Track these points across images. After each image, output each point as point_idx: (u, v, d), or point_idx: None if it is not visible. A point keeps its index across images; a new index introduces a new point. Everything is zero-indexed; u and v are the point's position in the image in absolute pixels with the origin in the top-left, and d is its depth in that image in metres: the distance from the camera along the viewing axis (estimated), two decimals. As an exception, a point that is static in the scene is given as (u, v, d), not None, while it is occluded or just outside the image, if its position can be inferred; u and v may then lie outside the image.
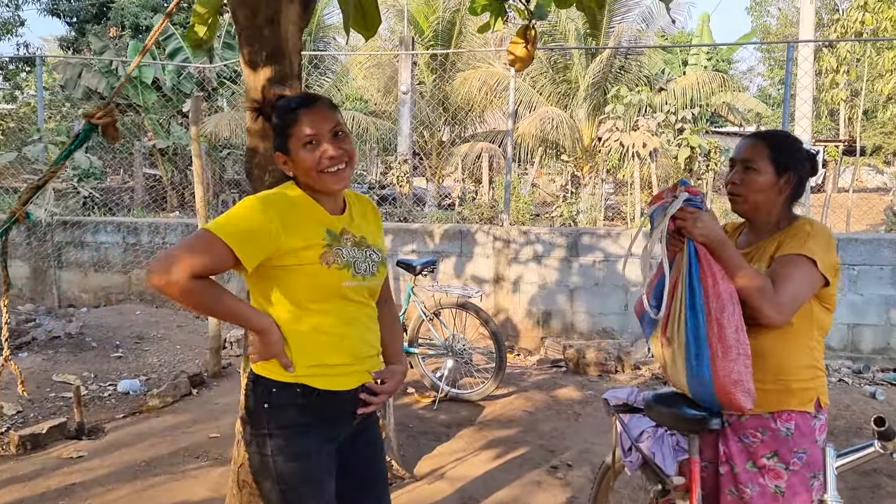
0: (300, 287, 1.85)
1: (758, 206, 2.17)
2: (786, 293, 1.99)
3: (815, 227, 2.10)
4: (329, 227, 1.90)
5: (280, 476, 1.87)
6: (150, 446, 4.25)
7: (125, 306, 7.20)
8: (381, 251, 2.03)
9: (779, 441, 2.06)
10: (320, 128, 1.85)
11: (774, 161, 2.13)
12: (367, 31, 3.03)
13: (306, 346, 1.88)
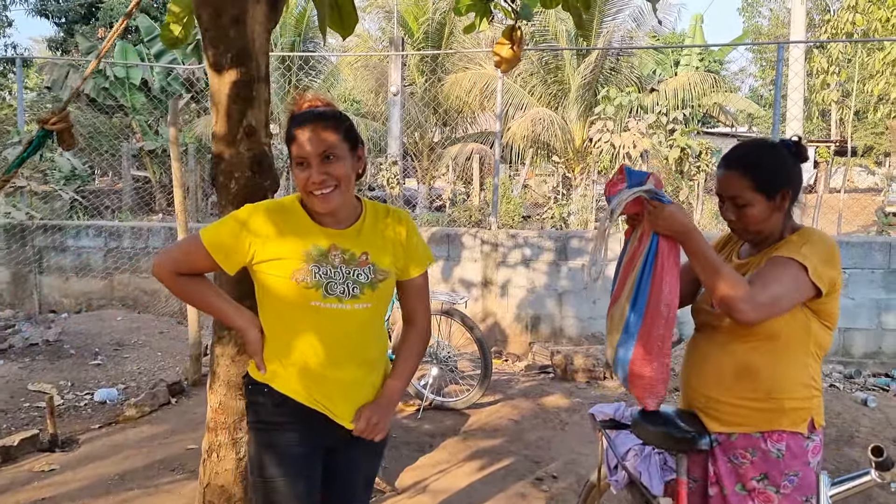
0: (273, 295, 1.91)
1: (762, 231, 2.06)
2: (764, 291, 1.89)
3: (816, 236, 1.99)
4: (317, 241, 1.89)
5: (255, 467, 1.98)
6: (125, 459, 4.13)
7: (106, 312, 7.06)
8: (385, 270, 1.95)
9: (769, 462, 1.96)
10: (309, 151, 1.84)
11: (761, 191, 2.00)
12: (344, 31, 2.94)
13: (274, 349, 1.95)
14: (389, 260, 1.97)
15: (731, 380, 2.01)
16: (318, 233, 1.90)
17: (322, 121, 1.85)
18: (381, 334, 2.05)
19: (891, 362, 6.12)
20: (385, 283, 1.96)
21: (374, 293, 1.93)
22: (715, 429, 2.03)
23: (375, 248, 1.95)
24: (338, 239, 1.91)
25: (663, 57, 20.88)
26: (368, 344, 1.98)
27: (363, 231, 1.95)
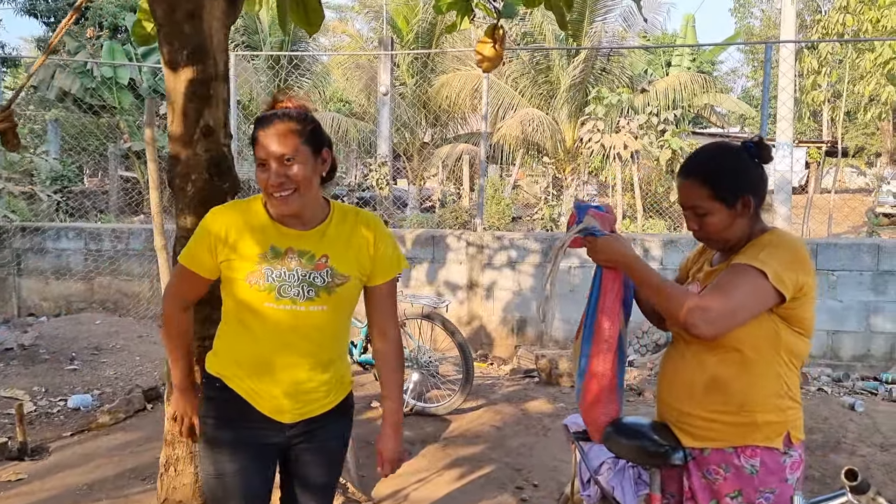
0: (231, 294, 1.92)
1: (728, 239, 1.98)
2: (719, 303, 1.81)
3: (776, 238, 1.90)
4: (275, 242, 1.89)
5: (206, 462, 1.99)
6: (96, 467, 4.03)
7: (85, 315, 6.94)
8: (344, 274, 1.92)
9: (743, 479, 1.87)
10: (269, 152, 1.82)
11: (721, 199, 1.92)
12: (311, 27, 2.85)
13: (231, 346, 1.97)
14: (352, 265, 1.95)
15: (701, 393, 1.93)
16: (277, 234, 1.89)
17: (284, 123, 1.83)
18: (339, 336, 2.04)
19: (879, 365, 6.06)
20: (344, 287, 1.93)
21: (331, 297, 1.91)
22: (688, 443, 1.95)
23: (337, 251, 1.93)
24: (297, 241, 1.90)
25: (654, 57, 20.85)
26: (324, 346, 1.97)
27: (327, 234, 1.94)
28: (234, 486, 1.95)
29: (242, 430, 1.96)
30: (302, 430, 2.00)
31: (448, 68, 16.41)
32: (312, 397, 1.98)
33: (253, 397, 1.93)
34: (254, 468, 1.97)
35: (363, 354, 5.03)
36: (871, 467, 4.06)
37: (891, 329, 6.08)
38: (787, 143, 10.70)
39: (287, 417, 1.96)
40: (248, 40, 17.54)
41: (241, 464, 1.95)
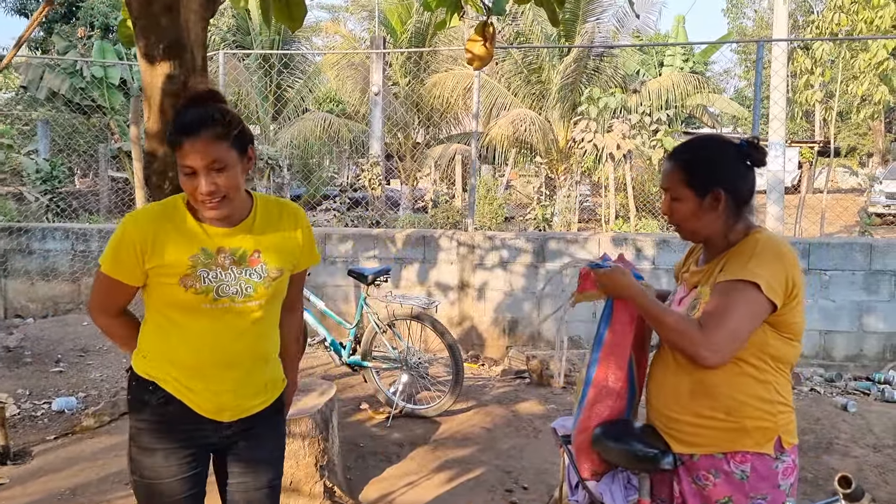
0: (162, 299, 1.89)
1: (696, 231, 1.96)
2: (720, 330, 1.77)
3: (761, 243, 1.84)
4: (204, 244, 1.86)
5: (133, 466, 1.96)
6: (79, 471, 3.96)
7: (72, 317, 6.87)
8: (277, 267, 1.93)
9: (733, 485, 1.83)
10: (197, 162, 1.77)
11: (691, 185, 1.91)
12: (293, 23, 2.79)
13: (164, 350, 1.92)
14: (284, 258, 1.97)
15: (688, 398, 1.88)
16: (204, 235, 1.87)
17: (211, 129, 1.77)
18: (275, 329, 2.05)
19: (872, 365, 6.02)
20: (280, 280, 1.97)
21: (268, 290, 1.93)
22: (677, 449, 1.91)
23: (267, 246, 1.94)
24: (226, 240, 1.89)
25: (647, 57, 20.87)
26: (264, 339, 1.98)
27: (254, 228, 1.93)
28: (168, 492, 1.93)
29: (176, 434, 1.93)
30: (238, 429, 1.99)
31: (441, 67, 16.36)
32: (253, 391, 1.98)
33: (190, 398, 1.91)
34: (188, 472, 1.95)
35: (352, 356, 4.97)
36: (863, 468, 4.03)
37: (883, 329, 6.05)
38: (779, 143, 10.70)
39: (227, 416, 1.95)
40: (240, 40, 17.47)
41: (175, 469, 1.93)
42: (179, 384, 1.91)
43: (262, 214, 1.95)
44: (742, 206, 1.94)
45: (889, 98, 14.17)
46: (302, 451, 3.45)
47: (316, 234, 6.82)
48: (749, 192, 1.96)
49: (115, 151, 15.76)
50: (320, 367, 5.94)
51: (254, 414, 2.00)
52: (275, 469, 2.13)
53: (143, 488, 1.97)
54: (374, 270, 4.97)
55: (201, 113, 1.81)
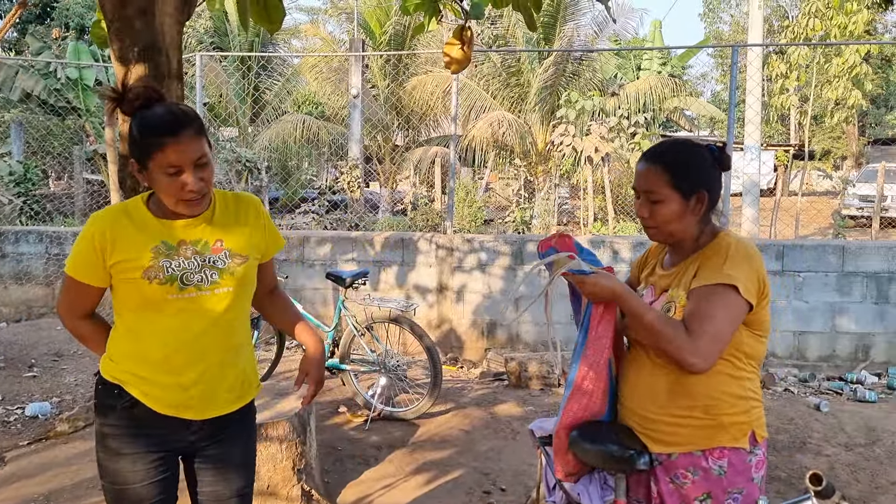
0: (128, 297, 1.89)
1: (675, 233, 1.97)
2: (704, 335, 1.79)
3: (733, 246, 1.88)
4: (166, 238, 1.87)
5: (102, 471, 1.96)
6: (53, 477, 3.92)
7: (46, 321, 6.78)
8: (240, 254, 1.94)
9: (711, 481, 1.86)
10: (185, 159, 1.80)
11: (678, 188, 1.92)
12: (271, 25, 2.79)
13: (132, 351, 1.91)
14: (248, 246, 1.98)
15: (665, 398, 1.91)
16: (164, 228, 1.89)
17: (190, 126, 1.81)
18: (245, 319, 2.05)
19: (845, 365, 6.12)
20: (244, 266, 1.96)
21: (234, 277, 1.93)
22: (654, 449, 1.93)
23: (229, 234, 1.95)
24: (187, 232, 1.90)
25: (624, 61, 21.02)
26: (234, 327, 1.97)
27: (214, 220, 1.95)
28: (136, 497, 1.93)
29: (143, 438, 1.92)
30: (207, 433, 1.98)
31: (420, 70, 16.37)
32: (226, 385, 1.97)
33: (158, 396, 1.90)
34: (156, 476, 1.94)
35: (330, 359, 4.96)
36: (835, 467, 4.09)
37: (855, 329, 6.15)
38: (754, 146, 10.83)
39: (194, 413, 1.94)
40: (218, 42, 17.36)
41: (143, 474, 1.92)
42: (147, 383, 1.89)
43: (221, 206, 1.98)
44: (712, 208, 1.98)
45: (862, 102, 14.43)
46: (279, 454, 3.44)
47: (294, 236, 6.83)
48: (719, 196, 2.00)
49: (90, 154, 15.57)
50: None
51: (222, 417, 1.99)
52: (246, 476, 2.13)
53: (112, 493, 1.97)
54: (353, 273, 4.96)
55: (174, 111, 1.83)
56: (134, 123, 1.83)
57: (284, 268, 6.58)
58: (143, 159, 1.81)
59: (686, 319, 1.84)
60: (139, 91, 1.86)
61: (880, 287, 6.11)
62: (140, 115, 1.83)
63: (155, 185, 1.84)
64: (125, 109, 1.85)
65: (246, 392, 2.06)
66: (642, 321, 1.86)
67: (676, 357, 1.82)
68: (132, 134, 1.83)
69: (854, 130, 25.81)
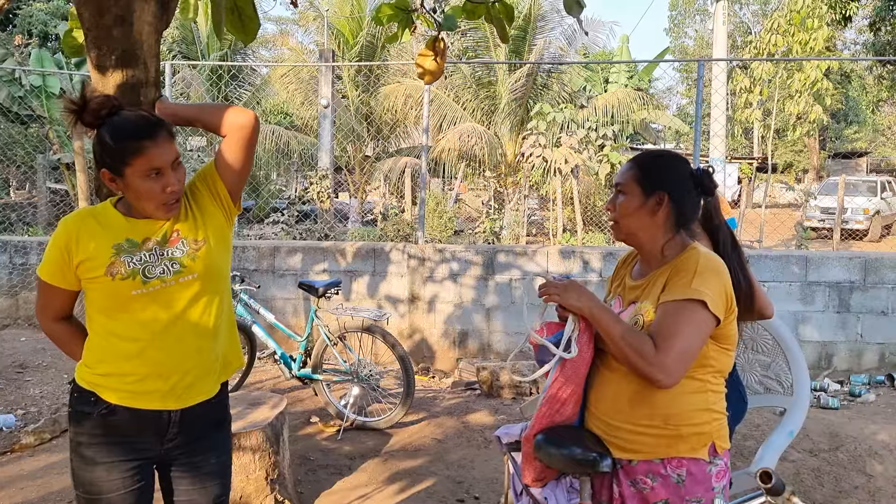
0: (96, 298, 1.90)
1: (632, 231, 2.02)
2: (671, 351, 1.82)
3: (702, 261, 1.91)
4: (130, 235, 1.89)
5: (76, 481, 1.95)
6: (19, 491, 3.85)
7: (9, 332, 6.65)
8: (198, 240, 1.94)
9: (670, 488, 1.89)
10: (164, 161, 1.84)
11: (640, 182, 1.99)
12: (246, 36, 2.80)
13: (101, 353, 1.91)
14: (203, 226, 1.97)
15: (627, 407, 1.94)
16: (130, 226, 1.91)
17: (164, 129, 1.85)
18: (221, 303, 2.01)
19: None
20: (204, 250, 1.95)
21: (196, 262, 1.93)
22: (617, 455, 1.96)
23: (185, 223, 1.95)
24: (149, 227, 1.91)
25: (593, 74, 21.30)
26: (208, 312, 1.96)
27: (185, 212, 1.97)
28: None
29: (118, 446, 1.92)
30: (182, 441, 1.98)
31: (391, 80, 16.42)
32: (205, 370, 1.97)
33: (137, 392, 1.89)
34: (132, 486, 1.94)
35: (302, 369, 4.95)
36: (800, 472, 4.17)
37: (818, 338, 6.29)
38: (719, 159, 11.06)
39: (175, 402, 1.92)
40: (185, 51, 17.23)
41: (118, 483, 1.92)
42: (124, 379, 1.89)
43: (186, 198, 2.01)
44: (682, 224, 2.01)
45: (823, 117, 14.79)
46: (252, 464, 3.42)
47: (265, 247, 6.80)
48: (692, 214, 2.04)
49: (54, 162, 15.32)
50: (269, 380, 5.88)
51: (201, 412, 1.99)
52: (222, 485, 2.12)
53: (86, 503, 1.95)
54: (325, 283, 4.96)
55: (145, 116, 1.87)
56: (105, 131, 1.84)
57: (255, 277, 6.55)
58: (119, 166, 1.82)
59: (654, 335, 1.86)
60: (101, 101, 1.87)
61: (842, 296, 6.27)
62: (111, 123, 1.85)
63: (131, 192, 1.85)
64: (87, 120, 1.86)
65: (224, 372, 2.06)
66: (611, 335, 1.88)
67: (643, 372, 1.84)
68: (104, 142, 1.84)
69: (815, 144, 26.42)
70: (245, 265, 6.76)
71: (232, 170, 1.99)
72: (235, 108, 1.99)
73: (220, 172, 1.99)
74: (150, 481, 2.02)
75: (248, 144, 1.98)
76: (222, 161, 1.98)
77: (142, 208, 1.88)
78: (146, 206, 1.87)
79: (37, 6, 23.13)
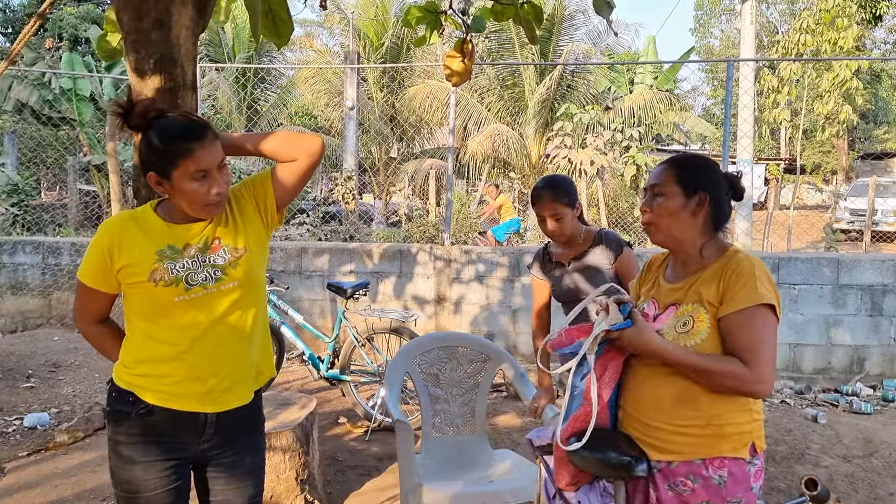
0: (137, 303, 1.92)
1: (672, 234, 1.99)
2: (764, 360, 1.82)
3: (755, 262, 1.90)
4: (172, 241, 1.91)
5: (115, 479, 1.97)
6: (53, 488, 3.91)
7: (42, 331, 6.76)
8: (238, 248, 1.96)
9: (711, 490, 1.88)
10: (211, 163, 1.86)
11: (681, 183, 1.97)
12: (279, 40, 2.82)
13: (140, 354, 1.93)
14: (244, 235, 1.99)
15: (670, 406, 1.93)
16: (172, 232, 1.93)
17: (209, 131, 1.88)
18: (258, 310, 2.03)
19: (840, 377, 6.16)
20: (245, 258, 1.97)
21: (237, 270, 1.95)
22: (654, 456, 1.94)
23: (224, 230, 1.97)
24: (190, 234, 1.93)
25: (618, 75, 21.18)
26: (245, 319, 1.98)
27: (215, 219, 1.98)
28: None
29: (156, 446, 1.94)
30: (219, 440, 2.00)
31: (416, 82, 16.45)
32: (241, 376, 1.99)
33: (174, 393, 1.91)
34: (168, 485, 1.96)
35: (330, 370, 4.97)
36: (834, 478, 4.12)
37: (850, 342, 6.20)
38: (747, 160, 10.92)
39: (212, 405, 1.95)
40: (212, 53, 17.41)
41: (156, 482, 1.94)
42: (162, 381, 1.91)
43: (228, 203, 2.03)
44: (719, 226, 2.00)
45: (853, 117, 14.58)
46: (283, 464, 3.44)
47: (292, 247, 6.84)
48: (726, 217, 2.03)
49: (84, 164, 15.53)
50: (297, 381, 5.92)
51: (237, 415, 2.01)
52: (256, 485, 2.14)
53: (124, 501, 1.98)
54: (353, 284, 4.98)
55: (192, 118, 1.90)
56: (153, 134, 1.85)
57: (283, 278, 6.59)
58: (167, 168, 1.84)
59: (737, 348, 1.85)
60: (147, 104, 1.91)
61: (874, 299, 6.17)
62: (158, 126, 1.86)
63: (178, 194, 1.86)
64: (132, 123, 1.88)
65: (258, 381, 2.08)
66: (693, 369, 1.87)
67: (744, 391, 1.84)
68: (152, 145, 1.85)
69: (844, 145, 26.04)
70: (272, 266, 6.82)
71: (289, 188, 2.03)
72: (307, 136, 2.04)
73: (275, 187, 2.02)
74: (186, 481, 2.04)
75: (312, 169, 2.04)
76: (282, 178, 2.02)
77: (186, 210, 1.90)
78: (191, 208, 1.89)
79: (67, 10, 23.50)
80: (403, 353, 3.58)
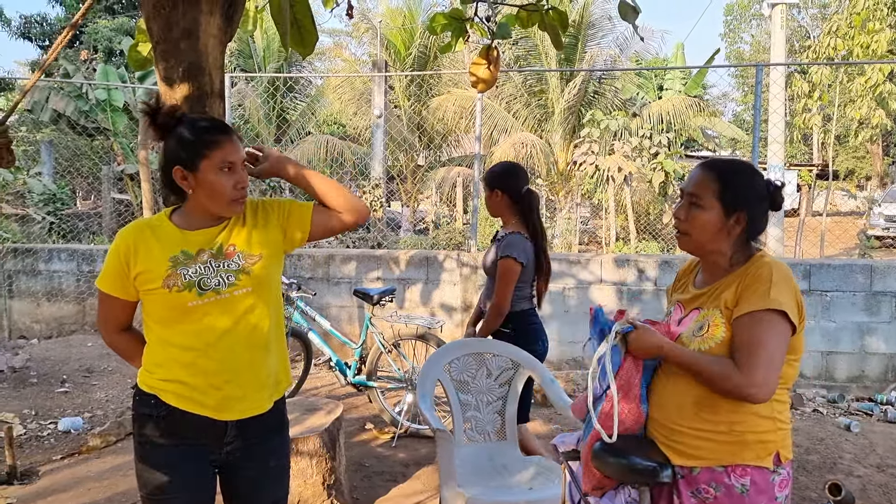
0: (154, 309, 1.95)
1: (704, 246, 1.97)
2: (759, 364, 1.78)
3: (775, 270, 1.87)
4: (185, 247, 1.94)
5: (140, 482, 1.99)
6: (86, 491, 3.98)
7: (76, 337, 6.90)
8: (254, 255, 1.99)
9: (734, 498, 1.85)
10: (238, 157, 1.94)
11: (722, 199, 1.93)
12: (304, 49, 2.85)
13: (162, 360, 1.96)
14: (259, 244, 2.01)
15: (691, 411, 1.91)
16: (184, 238, 1.96)
17: (232, 129, 1.96)
18: (273, 317, 2.05)
19: (874, 386, 6.05)
20: (259, 264, 1.99)
21: (251, 276, 1.97)
22: (677, 461, 1.93)
23: (239, 237, 2.00)
24: (204, 240, 1.97)
25: (646, 81, 21.06)
26: (259, 326, 2.00)
27: (229, 226, 2.01)
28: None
29: (181, 448, 1.96)
30: (243, 443, 2.02)
31: (444, 90, 16.51)
32: (258, 384, 2.00)
33: (194, 397, 1.93)
34: (192, 488, 1.99)
35: (357, 376, 5.00)
36: (867, 488, 4.04)
37: (884, 350, 6.08)
38: (778, 166, 10.78)
39: (230, 413, 1.97)
40: (243, 64, 17.65)
41: (178, 484, 1.96)
42: (181, 386, 1.93)
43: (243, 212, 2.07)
44: (752, 237, 1.98)
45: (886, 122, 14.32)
46: (310, 469, 3.47)
47: (319, 255, 6.90)
48: (762, 228, 2.00)
49: (118, 174, 15.82)
50: (325, 387, 5.96)
51: (259, 420, 2.02)
52: (281, 489, 2.16)
53: (149, 503, 2.00)
54: (380, 290, 5.01)
55: (216, 118, 1.99)
56: (183, 128, 1.92)
57: (310, 285, 6.64)
58: (195, 159, 1.89)
59: (736, 349, 1.83)
60: (172, 107, 1.98)
61: (909, 307, 6.05)
62: (189, 120, 1.95)
63: (205, 187, 1.90)
64: (159, 121, 1.93)
65: (276, 390, 2.09)
66: (691, 368, 1.87)
67: (735, 394, 1.81)
68: (181, 137, 1.91)
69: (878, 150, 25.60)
70: (300, 273, 6.87)
71: (322, 230, 2.10)
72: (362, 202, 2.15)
73: (314, 221, 2.08)
74: (211, 483, 2.06)
75: (349, 227, 2.13)
76: (321, 219, 2.08)
77: (209, 207, 1.94)
78: (215, 203, 1.93)
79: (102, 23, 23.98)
80: (433, 360, 3.58)
